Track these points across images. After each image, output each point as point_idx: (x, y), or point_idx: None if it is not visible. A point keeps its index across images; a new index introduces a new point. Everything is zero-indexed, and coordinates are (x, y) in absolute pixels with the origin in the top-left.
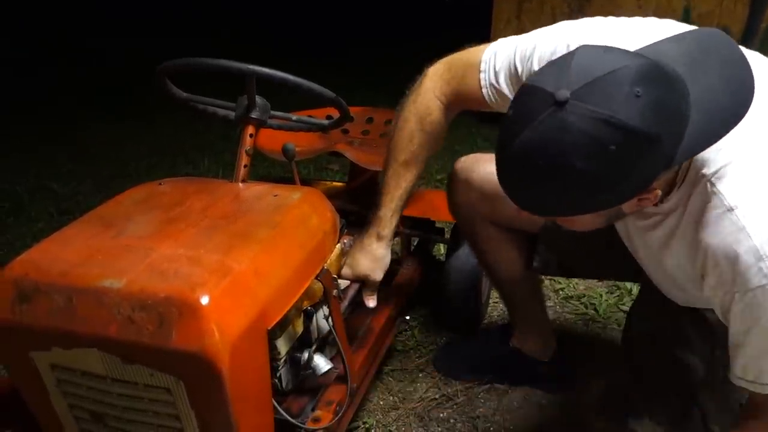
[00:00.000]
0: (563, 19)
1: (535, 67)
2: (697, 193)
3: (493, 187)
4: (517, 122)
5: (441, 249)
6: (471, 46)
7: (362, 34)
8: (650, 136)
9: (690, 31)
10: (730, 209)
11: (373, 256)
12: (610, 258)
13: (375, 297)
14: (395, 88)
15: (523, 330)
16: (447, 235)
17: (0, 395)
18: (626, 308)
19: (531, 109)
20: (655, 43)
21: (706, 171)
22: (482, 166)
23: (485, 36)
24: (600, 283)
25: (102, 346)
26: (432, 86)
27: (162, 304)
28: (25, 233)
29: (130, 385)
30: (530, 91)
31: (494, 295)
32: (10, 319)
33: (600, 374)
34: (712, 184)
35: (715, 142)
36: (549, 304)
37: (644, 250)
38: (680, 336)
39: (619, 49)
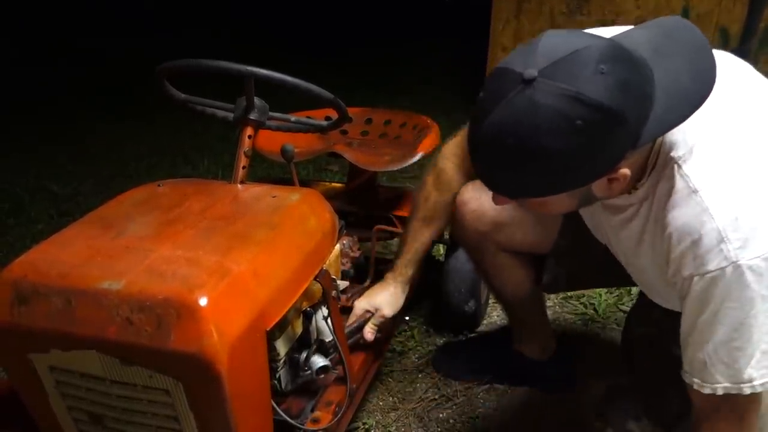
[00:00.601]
0: (562, 19)
1: None
2: (665, 176)
3: (507, 216)
4: (486, 102)
5: (440, 250)
6: None
7: (362, 35)
8: (616, 113)
9: (655, 20)
10: (695, 191)
11: (391, 294)
12: (618, 267)
13: (375, 332)
14: (394, 88)
15: (524, 336)
16: (446, 236)
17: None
18: (626, 308)
19: (500, 89)
20: (622, 32)
21: (674, 154)
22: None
23: (485, 36)
24: None
25: (101, 347)
26: (446, 152)
27: (161, 305)
28: (24, 234)
29: (129, 386)
30: (500, 72)
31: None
32: (9, 321)
33: (599, 374)
34: (679, 167)
35: (680, 123)
36: (548, 304)
37: (622, 252)
38: (678, 337)
39: (583, 31)
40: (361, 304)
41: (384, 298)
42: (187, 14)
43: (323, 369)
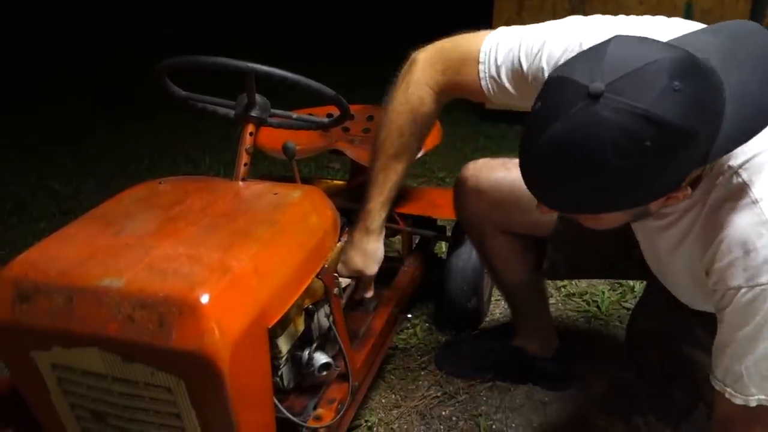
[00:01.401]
0: (564, 17)
1: (544, 66)
2: (720, 185)
3: (505, 195)
4: (546, 115)
5: (442, 247)
6: (463, 32)
7: (362, 34)
8: (687, 132)
9: (723, 23)
10: (755, 201)
11: (364, 251)
12: (620, 257)
13: (372, 289)
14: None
15: (526, 329)
16: (448, 233)
17: (1, 395)
18: (629, 305)
19: (562, 102)
20: (686, 35)
21: (732, 163)
22: (492, 173)
23: None
24: (602, 281)
25: (102, 345)
26: (424, 76)
27: (162, 303)
28: (26, 232)
29: (131, 384)
30: (561, 82)
31: (496, 292)
32: (10, 318)
33: (602, 371)
34: (738, 175)
35: (750, 138)
36: (551, 301)
37: (653, 254)
38: (688, 333)
39: (654, 40)
40: (341, 272)
41: (360, 261)
42: (188, 14)
43: (325, 366)
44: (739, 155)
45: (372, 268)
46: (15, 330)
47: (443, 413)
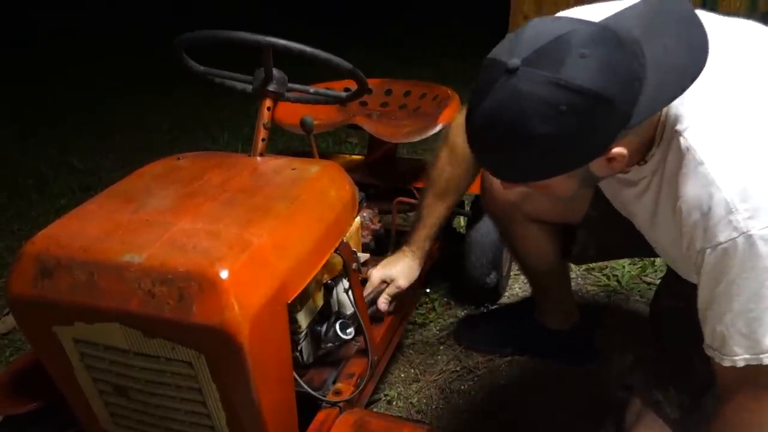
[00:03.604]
0: None
1: None
2: (672, 149)
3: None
4: (477, 93)
5: (461, 222)
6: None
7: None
8: (600, 95)
9: None
10: (701, 163)
11: (407, 266)
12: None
13: (389, 302)
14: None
15: (547, 307)
16: (467, 208)
17: (26, 370)
18: (649, 279)
19: (488, 80)
20: (617, 12)
21: (678, 127)
22: None
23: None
24: None
25: (124, 320)
26: (457, 126)
27: (182, 278)
28: (48, 209)
29: (152, 358)
30: (489, 63)
31: (515, 267)
32: (33, 294)
33: (622, 346)
34: (685, 139)
35: (672, 100)
36: (571, 276)
37: (640, 225)
38: None
39: (567, 17)
40: (377, 274)
41: (400, 270)
42: None
43: (344, 341)
44: (685, 118)
45: (404, 282)
46: (38, 305)
47: (462, 387)
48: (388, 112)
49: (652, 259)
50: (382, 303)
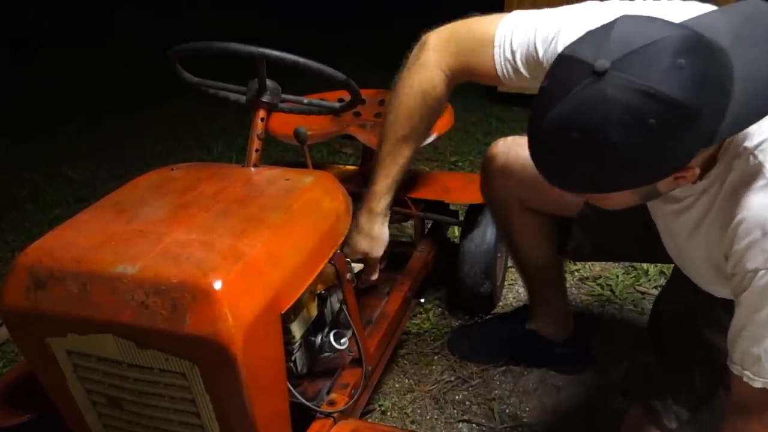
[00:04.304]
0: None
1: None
2: (737, 166)
3: (535, 173)
4: (552, 93)
5: (455, 231)
6: (473, 15)
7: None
8: (691, 110)
9: (736, 4)
10: None
11: (368, 234)
12: (647, 240)
13: (377, 272)
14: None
15: (541, 313)
16: (461, 218)
17: (19, 381)
18: (643, 289)
19: (567, 80)
20: (699, 15)
21: (748, 144)
22: (522, 150)
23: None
24: (616, 264)
25: (117, 331)
26: (435, 59)
27: (175, 289)
28: (42, 220)
29: (146, 369)
30: (567, 61)
31: (509, 277)
32: (26, 305)
33: (617, 355)
34: (755, 157)
35: (760, 119)
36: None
37: (671, 239)
38: (710, 317)
39: (661, 19)
40: (347, 255)
41: (364, 244)
42: None
43: (339, 351)
44: (755, 136)
45: (377, 251)
46: (30, 317)
47: (457, 398)
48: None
49: (645, 268)
50: (372, 275)
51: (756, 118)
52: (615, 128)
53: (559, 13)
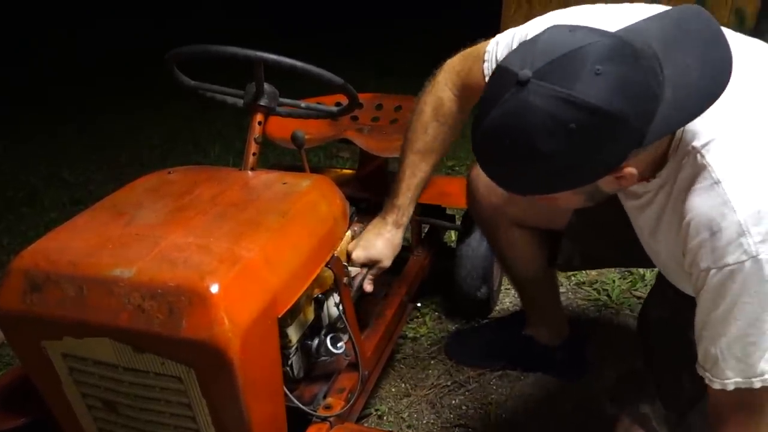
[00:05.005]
0: (575, 3)
1: None
2: (686, 165)
3: None
4: (486, 103)
5: (452, 236)
6: (484, 40)
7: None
8: (612, 115)
9: (669, 10)
10: (717, 182)
11: (390, 243)
12: (634, 244)
13: (371, 283)
14: (405, 73)
15: (537, 319)
16: (458, 222)
17: (13, 385)
18: (639, 294)
19: (498, 90)
20: (635, 23)
21: (696, 143)
22: None
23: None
24: (612, 269)
25: (113, 335)
26: (444, 78)
27: (172, 292)
28: (38, 223)
29: (142, 373)
30: (500, 71)
31: (506, 281)
32: (22, 308)
33: (613, 360)
34: (702, 156)
35: (690, 121)
36: (561, 290)
37: (641, 235)
38: (693, 318)
39: (587, 27)
40: (358, 257)
41: (381, 249)
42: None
43: (335, 355)
44: (703, 135)
45: (389, 261)
46: (26, 320)
47: (453, 402)
48: (379, 127)
49: (642, 273)
50: (368, 285)
51: (686, 120)
52: (539, 134)
53: (532, 21)
